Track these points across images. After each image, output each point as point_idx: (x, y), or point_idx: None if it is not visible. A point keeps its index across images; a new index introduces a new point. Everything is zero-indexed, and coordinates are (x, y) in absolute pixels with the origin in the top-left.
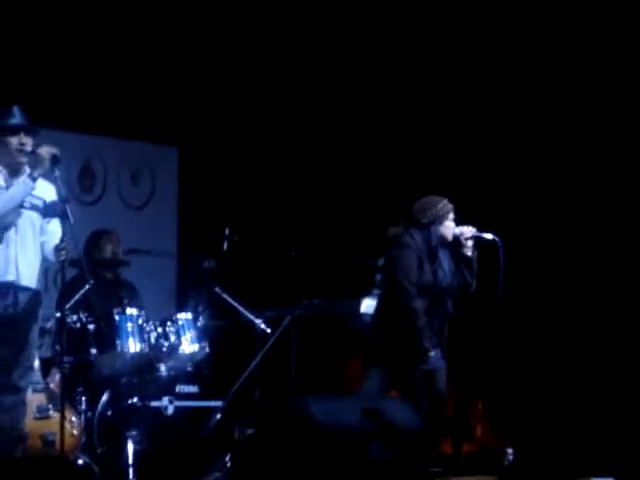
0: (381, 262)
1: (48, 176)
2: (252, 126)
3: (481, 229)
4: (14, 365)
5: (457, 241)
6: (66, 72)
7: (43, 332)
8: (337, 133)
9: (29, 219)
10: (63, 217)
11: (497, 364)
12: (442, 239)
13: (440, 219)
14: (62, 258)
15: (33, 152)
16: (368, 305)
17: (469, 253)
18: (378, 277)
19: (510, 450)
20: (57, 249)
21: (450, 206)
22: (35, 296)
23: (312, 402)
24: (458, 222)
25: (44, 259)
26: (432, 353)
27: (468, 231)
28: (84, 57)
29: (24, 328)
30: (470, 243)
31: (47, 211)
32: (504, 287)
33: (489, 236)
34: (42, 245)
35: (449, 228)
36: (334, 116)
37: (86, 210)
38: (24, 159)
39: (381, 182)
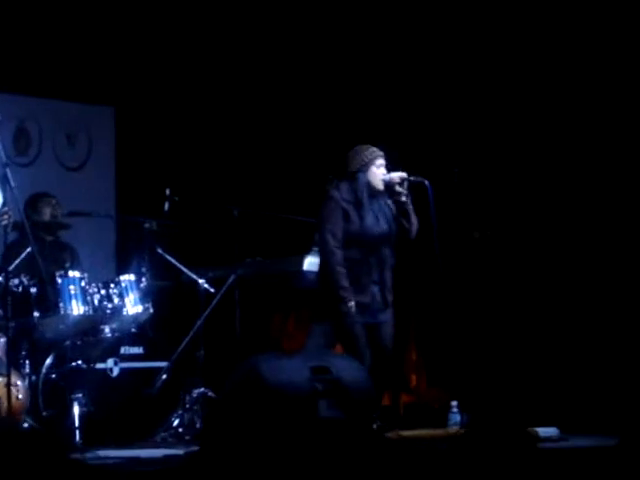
0: None
1: None
2: (189, 85)
3: (411, 174)
4: None
5: (389, 188)
6: None
7: None
8: (277, 89)
9: None
10: (3, 181)
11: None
12: (372, 187)
13: (366, 166)
14: (4, 223)
15: None
16: (310, 262)
17: (403, 198)
18: (317, 235)
19: (455, 403)
20: None
21: (378, 153)
22: None
23: (261, 361)
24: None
25: None
26: (352, 303)
27: (397, 176)
28: (18, 18)
29: None
30: (401, 188)
31: None
32: (441, 239)
33: (418, 178)
34: None
35: (377, 175)
36: (273, 72)
37: (21, 172)
38: None
39: (322, 139)
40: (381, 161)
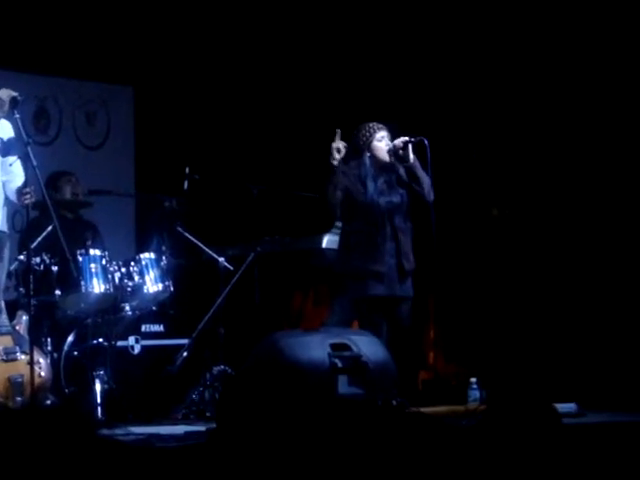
0: None
1: (8, 119)
2: (208, 63)
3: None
4: None
5: (397, 157)
6: (19, 12)
7: (7, 274)
8: (298, 66)
9: None
10: (25, 159)
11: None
12: (379, 160)
13: (367, 142)
14: (27, 202)
15: None
16: (329, 240)
17: (410, 162)
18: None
19: (474, 380)
20: (20, 192)
21: (376, 127)
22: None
23: (281, 338)
24: None
25: (6, 200)
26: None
27: (399, 142)
28: None
29: None
30: (405, 153)
31: (7, 149)
32: (459, 218)
33: (418, 138)
34: (4, 184)
35: (381, 148)
36: (297, 48)
37: (41, 151)
38: None
39: (343, 117)
40: (382, 133)
